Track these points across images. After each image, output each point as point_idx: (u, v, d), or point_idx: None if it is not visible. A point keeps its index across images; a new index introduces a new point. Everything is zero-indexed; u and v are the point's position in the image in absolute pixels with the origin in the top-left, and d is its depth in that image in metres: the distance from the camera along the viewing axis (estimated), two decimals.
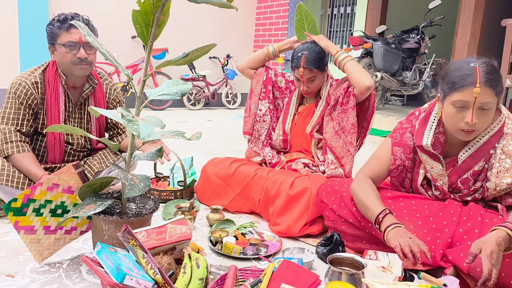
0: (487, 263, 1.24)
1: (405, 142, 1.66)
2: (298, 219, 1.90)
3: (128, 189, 1.35)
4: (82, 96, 2.09)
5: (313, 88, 2.25)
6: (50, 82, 1.98)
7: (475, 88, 1.40)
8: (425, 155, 1.60)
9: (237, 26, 7.98)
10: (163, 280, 1.20)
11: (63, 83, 2.02)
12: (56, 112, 2.00)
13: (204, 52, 1.41)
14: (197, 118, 6.19)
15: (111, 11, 6.49)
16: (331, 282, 1.44)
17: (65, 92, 2.04)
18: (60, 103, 2.01)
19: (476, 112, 1.43)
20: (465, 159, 1.55)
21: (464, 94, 1.42)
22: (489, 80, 1.40)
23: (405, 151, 1.65)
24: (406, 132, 1.67)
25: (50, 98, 1.98)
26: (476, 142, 1.54)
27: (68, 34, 1.92)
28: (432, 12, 6.06)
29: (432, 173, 1.59)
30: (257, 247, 1.74)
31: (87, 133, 1.44)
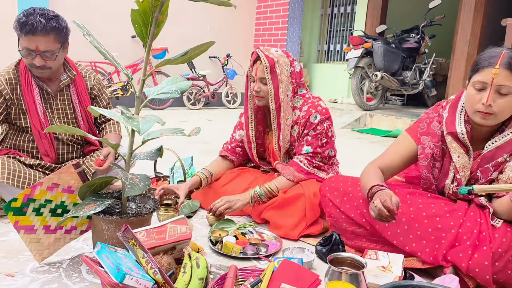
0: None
1: (433, 131, 1.64)
2: (296, 225, 1.90)
3: (128, 188, 1.35)
4: (59, 86, 2.05)
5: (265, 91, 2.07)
6: (22, 75, 1.97)
7: (493, 69, 1.41)
8: (455, 142, 1.58)
9: (237, 26, 7.98)
10: (163, 280, 1.20)
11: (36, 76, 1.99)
12: (32, 104, 1.98)
13: (202, 50, 1.41)
14: (197, 118, 6.18)
15: (111, 11, 6.49)
16: (331, 282, 1.44)
17: (38, 84, 2.01)
18: (35, 94, 1.99)
19: (494, 94, 1.43)
20: (492, 149, 1.54)
21: (483, 75, 1.43)
22: (511, 63, 1.40)
23: (433, 139, 1.64)
24: (434, 121, 1.66)
25: (24, 90, 1.97)
26: (505, 136, 1.53)
27: (26, 40, 1.81)
28: (432, 11, 6.06)
29: (457, 163, 1.58)
30: (257, 247, 1.74)
31: (86, 133, 1.44)
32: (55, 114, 2.07)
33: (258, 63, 2.05)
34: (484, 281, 1.43)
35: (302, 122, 2.07)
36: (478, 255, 1.44)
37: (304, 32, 8.03)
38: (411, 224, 1.58)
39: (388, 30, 6.53)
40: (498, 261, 1.42)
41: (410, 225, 1.59)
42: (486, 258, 1.42)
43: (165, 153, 1.72)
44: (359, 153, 3.69)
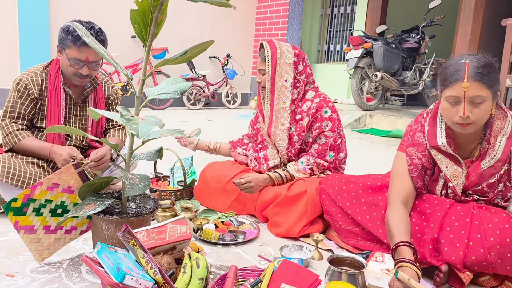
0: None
1: (417, 141, 1.66)
2: (297, 222, 1.91)
3: (128, 188, 1.35)
4: (83, 94, 2.14)
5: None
6: (51, 79, 2.05)
7: (463, 83, 1.43)
8: (440, 154, 1.60)
9: (237, 26, 7.98)
10: (163, 280, 1.20)
11: (63, 80, 2.07)
12: (55, 108, 2.05)
13: (202, 49, 1.41)
14: (197, 118, 6.18)
15: (110, 11, 6.49)
16: (331, 282, 1.44)
17: (65, 90, 2.09)
18: (61, 99, 2.07)
19: (469, 105, 1.45)
20: (493, 163, 1.55)
21: (454, 90, 1.46)
22: (478, 74, 1.42)
23: (419, 149, 1.65)
24: (416, 132, 1.68)
25: (51, 94, 2.04)
26: (499, 147, 1.54)
27: (77, 51, 1.95)
28: (432, 12, 6.06)
29: (447, 172, 1.60)
30: (235, 234, 1.86)
31: (86, 133, 1.44)
32: (72, 119, 2.15)
33: (258, 57, 2.20)
34: (482, 268, 1.44)
35: (313, 112, 2.11)
36: (471, 246, 1.45)
37: (304, 32, 8.04)
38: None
39: (388, 30, 6.53)
40: (494, 251, 1.42)
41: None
42: (481, 246, 1.43)
43: (165, 153, 1.72)
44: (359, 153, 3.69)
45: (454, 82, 1.45)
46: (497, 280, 1.49)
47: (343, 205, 1.80)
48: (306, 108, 2.14)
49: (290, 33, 7.59)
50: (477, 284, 1.52)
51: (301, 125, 2.13)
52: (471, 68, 1.43)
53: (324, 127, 2.11)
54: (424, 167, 1.65)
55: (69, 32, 1.93)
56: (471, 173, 1.58)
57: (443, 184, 1.64)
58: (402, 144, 1.70)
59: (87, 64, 1.98)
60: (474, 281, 1.51)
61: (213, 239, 1.80)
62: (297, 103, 2.16)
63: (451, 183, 1.59)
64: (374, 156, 3.94)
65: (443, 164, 1.60)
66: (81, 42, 1.92)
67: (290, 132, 2.15)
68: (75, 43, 1.93)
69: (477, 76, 1.42)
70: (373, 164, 3.36)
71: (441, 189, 1.65)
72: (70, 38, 1.93)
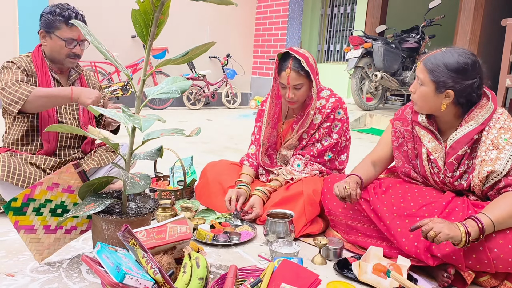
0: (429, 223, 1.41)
1: (404, 116, 1.81)
2: (296, 222, 1.91)
3: (129, 187, 1.36)
4: (70, 79, 2.17)
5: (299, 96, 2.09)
6: (39, 67, 2.06)
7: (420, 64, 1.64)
8: (422, 130, 1.70)
9: (237, 26, 7.98)
10: (163, 280, 1.20)
11: (49, 66, 2.09)
12: None
13: (203, 50, 1.41)
14: (197, 118, 6.19)
15: (111, 11, 6.49)
16: (331, 282, 1.46)
17: (53, 76, 2.10)
18: (51, 84, 2.08)
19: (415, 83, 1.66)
20: (452, 144, 1.63)
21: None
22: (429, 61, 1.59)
23: (404, 124, 1.80)
24: (407, 108, 1.82)
25: (41, 79, 2.05)
26: (464, 129, 1.60)
27: (69, 31, 2.01)
28: (432, 11, 6.05)
29: (428, 146, 1.69)
30: (229, 235, 1.85)
31: (86, 133, 1.44)
32: (63, 105, 2.14)
33: (288, 71, 2.02)
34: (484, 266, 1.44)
35: (327, 112, 2.11)
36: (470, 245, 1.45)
37: (304, 32, 8.03)
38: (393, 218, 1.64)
39: (388, 30, 6.52)
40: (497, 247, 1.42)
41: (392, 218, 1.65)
42: (480, 245, 1.44)
43: (165, 153, 1.72)
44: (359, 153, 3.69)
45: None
46: (497, 280, 1.49)
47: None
48: (319, 106, 2.14)
49: (290, 33, 7.59)
50: (477, 284, 1.52)
51: (312, 122, 2.14)
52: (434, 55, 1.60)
53: (333, 127, 2.13)
54: (405, 141, 1.79)
55: (58, 14, 1.99)
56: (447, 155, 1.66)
57: (427, 159, 1.71)
58: (394, 116, 1.87)
59: (79, 43, 2.05)
60: (474, 281, 1.52)
61: (207, 239, 1.80)
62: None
63: (432, 155, 1.67)
64: None
65: (425, 139, 1.69)
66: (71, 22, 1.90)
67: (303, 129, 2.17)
68: (66, 24, 1.98)
69: (427, 61, 1.60)
70: None
71: (427, 163, 1.71)
72: (61, 19, 1.98)
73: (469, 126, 1.60)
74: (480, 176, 1.54)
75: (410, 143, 1.77)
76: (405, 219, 1.61)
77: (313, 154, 2.13)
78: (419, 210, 1.61)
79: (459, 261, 1.46)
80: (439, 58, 1.57)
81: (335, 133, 2.13)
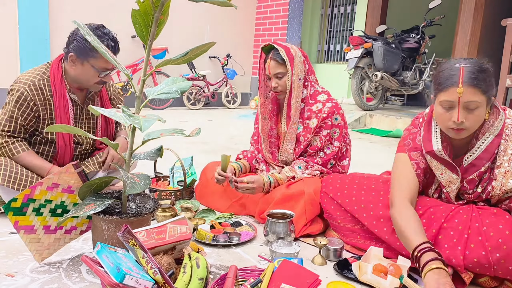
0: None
1: (418, 145, 1.64)
2: (296, 222, 1.91)
3: (129, 187, 1.35)
4: (88, 97, 2.10)
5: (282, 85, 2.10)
6: (56, 89, 1.97)
7: (458, 88, 1.42)
8: (435, 161, 1.59)
9: (237, 26, 7.98)
10: (163, 280, 1.20)
11: (68, 88, 2.01)
12: (65, 118, 2.00)
13: (203, 50, 1.41)
14: (197, 118, 6.19)
15: (110, 11, 6.49)
16: (331, 282, 1.46)
17: (71, 97, 2.03)
18: (69, 109, 2.01)
19: (463, 111, 1.44)
20: (472, 161, 1.55)
21: (449, 94, 1.44)
22: (473, 79, 1.41)
23: (422, 154, 1.63)
24: (417, 136, 1.66)
25: (59, 104, 1.97)
26: (482, 144, 1.53)
27: (105, 61, 1.91)
28: (432, 12, 6.06)
29: (441, 179, 1.59)
30: (229, 235, 1.85)
31: (87, 133, 1.44)
32: (78, 124, 2.10)
33: (269, 61, 2.09)
34: (484, 270, 1.44)
35: (323, 116, 2.09)
36: (472, 249, 1.45)
37: (304, 32, 8.04)
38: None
39: (388, 30, 6.53)
40: (499, 252, 1.42)
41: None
42: (482, 249, 1.43)
43: (165, 153, 1.72)
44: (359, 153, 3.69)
45: (449, 86, 1.44)
46: (496, 281, 1.49)
47: (343, 203, 1.82)
48: (315, 109, 2.12)
49: (290, 33, 7.59)
50: (477, 284, 1.52)
51: (307, 125, 2.13)
52: (466, 73, 1.42)
53: (332, 134, 2.12)
54: (426, 172, 1.65)
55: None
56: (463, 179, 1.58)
57: (436, 188, 1.65)
58: (402, 147, 1.68)
59: (110, 71, 1.99)
60: (474, 282, 1.51)
61: (207, 240, 1.80)
62: (306, 101, 2.15)
63: (445, 189, 1.60)
64: (374, 156, 3.94)
65: (438, 171, 1.59)
66: (112, 51, 1.90)
67: (297, 131, 2.16)
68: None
69: (472, 81, 1.41)
70: (373, 164, 3.36)
71: (433, 192, 1.65)
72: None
73: (486, 139, 1.52)
74: (504, 188, 1.50)
75: (429, 173, 1.65)
76: None
77: (317, 162, 2.13)
78: (426, 212, 1.59)
79: (459, 264, 1.45)
80: (477, 71, 1.42)
81: (335, 140, 2.12)
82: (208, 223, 1.97)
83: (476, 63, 1.45)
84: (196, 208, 2.18)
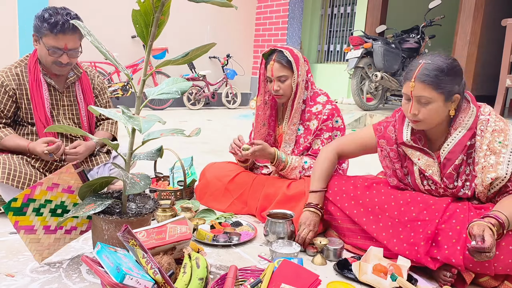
0: (489, 238, 1.30)
1: (388, 135, 1.76)
2: (297, 222, 1.91)
3: (129, 187, 1.36)
4: (66, 83, 2.11)
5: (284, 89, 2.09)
6: (30, 71, 2.01)
7: (410, 83, 1.54)
8: (409, 149, 1.68)
9: (237, 26, 7.98)
10: (163, 280, 1.20)
11: (43, 72, 2.03)
12: (39, 100, 2.02)
13: (203, 51, 1.41)
14: (197, 118, 6.19)
15: (111, 11, 6.49)
16: (331, 282, 1.46)
17: (46, 81, 2.05)
18: (43, 90, 2.03)
19: (416, 104, 1.55)
20: (446, 155, 1.61)
21: (405, 87, 1.58)
22: (426, 75, 1.50)
23: (388, 143, 1.76)
24: (389, 126, 1.77)
25: (32, 86, 2.00)
26: (454, 138, 1.59)
27: (55, 39, 1.90)
28: (432, 12, 6.05)
29: (420, 164, 1.65)
30: (229, 236, 1.85)
31: (86, 133, 1.44)
32: (61, 110, 2.12)
33: (272, 63, 2.07)
34: (484, 269, 1.44)
35: (324, 118, 2.10)
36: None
37: (304, 32, 8.03)
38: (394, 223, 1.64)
39: (388, 30, 6.52)
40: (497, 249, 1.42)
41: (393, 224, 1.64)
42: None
43: (165, 153, 1.72)
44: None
45: (406, 80, 1.57)
46: (497, 281, 1.49)
47: (342, 206, 1.81)
48: (315, 111, 2.12)
49: (290, 33, 7.59)
50: (477, 284, 1.52)
51: (308, 127, 2.12)
52: (422, 69, 1.52)
53: (333, 137, 2.12)
54: (391, 160, 1.75)
55: (45, 20, 1.88)
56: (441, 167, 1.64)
57: (420, 176, 1.68)
58: (376, 128, 1.82)
59: (66, 52, 1.93)
60: (474, 282, 1.52)
61: (207, 240, 1.80)
62: (307, 103, 2.15)
63: (427, 172, 1.64)
64: (374, 156, 3.93)
65: (414, 157, 1.67)
66: (58, 29, 1.87)
67: (297, 133, 2.15)
68: (52, 31, 1.87)
69: (424, 77, 1.51)
70: (373, 164, 3.36)
71: (420, 181, 1.68)
72: (47, 26, 1.87)
73: (458, 133, 1.59)
74: (484, 183, 1.53)
75: (397, 163, 1.73)
76: (406, 224, 1.61)
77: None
78: (420, 214, 1.60)
79: (459, 264, 1.45)
80: (432, 69, 1.50)
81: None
82: (208, 223, 1.97)
83: (438, 61, 1.52)
84: (196, 208, 2.18)
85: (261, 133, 2.24)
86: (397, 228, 1.62)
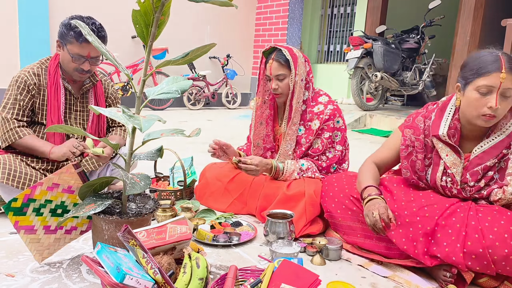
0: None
1: (416, 125, 1.72)
2: (296, 222, 1.91)
3: (129, 187, 1.36)
4: (82, 89, 2.16)
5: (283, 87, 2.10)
6: (50, 74, 2.06)
7: (501, 74, 1.44)
8: (440, 143, 1.64)
9: (237, 26, 7.98)
10: (163, 280, 1.20)
11: (62, 76, 2.08)
12: (55, 103, 2.06)
13: (204, 51, 1.41)
14: (197, 118, 6.18)
15: (111, 11, 6.49)
16: (331, 282, 1.46)
17: (64, 85, 2.10)
18: (60, 94, 2.08)
19: (499, 97, 1.47)
20: (479, 154, 1.58)
21: (490, 79, 1.46)
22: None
23: (415, 132, 1.71)
24: (419, 116, 1.73)
25: (50, 89, 2.05)
26: (492, 140, 1.57)
27: (79, 47, 1.97)
28: (432, 12, 6.06)
29: (447, 160, 1.63)
30: (229, 236, 1.85)
31: (86, 133, 1.44)
32: (73, 114, 2.16)
33: (271, 62, 2.09)
34: (484, 268, 1.44)
35: (325, 118, 2.10)
36: (469, 246, 1.45)
37: (304, 32, 8.03)
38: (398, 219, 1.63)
39: (388, 31, 6.53)
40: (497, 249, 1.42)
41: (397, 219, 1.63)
42: (480, 247, 1.43)
43: (165, 153, 1.72)
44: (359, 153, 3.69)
45: (491, 71, 1.46)
46: (496, 281, 1.49)
47: (341, 201, 1.83)
48: (317, 111, 2.12)
49: (290, 33, 7.59)
50: (477, 285, 1.53)
51: (309, 127, 2.12)
52: (507, 60, 1.46)
53: (334, 137, 2.12)
54: (414, 150, 1.70)
55: (71, 28, 1.94)
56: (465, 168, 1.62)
57: (443, 171, 1.66)
58: (403, 124, 1.78)
59: (89, 60, 2.01)
60: (475, 282, 1.52)
61: (207, 240, 1.80)
62: (308, 103, 2.15)
63: (450, 170, 1.62)
64: None
65: (443, 152, 1.63)
66: (83, 38, 1.94)
67: (298, 133, 2.15)
68: (77, 39, 1.95)
69: (511, 69, 1.44)
70: None
71: (441, 175, 1.66)
72: (73, 34, 1.94)
73: (497, 137, 1.56)
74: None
75: (421, 154, 1.69)
76: (405, 218, 1.61)
77: (321, 165, 2.13)
78: (420, 210, 1.60)
79: (459, 262, 1.45)
80: (510, 59, 1.46)
81: (337, 144, 2.12)
82: (208, 223, 1.97)
83: (507, 54, 1.48)
84: (196, 208, 2.18)
85: (258, 132, 2.25)
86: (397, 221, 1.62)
